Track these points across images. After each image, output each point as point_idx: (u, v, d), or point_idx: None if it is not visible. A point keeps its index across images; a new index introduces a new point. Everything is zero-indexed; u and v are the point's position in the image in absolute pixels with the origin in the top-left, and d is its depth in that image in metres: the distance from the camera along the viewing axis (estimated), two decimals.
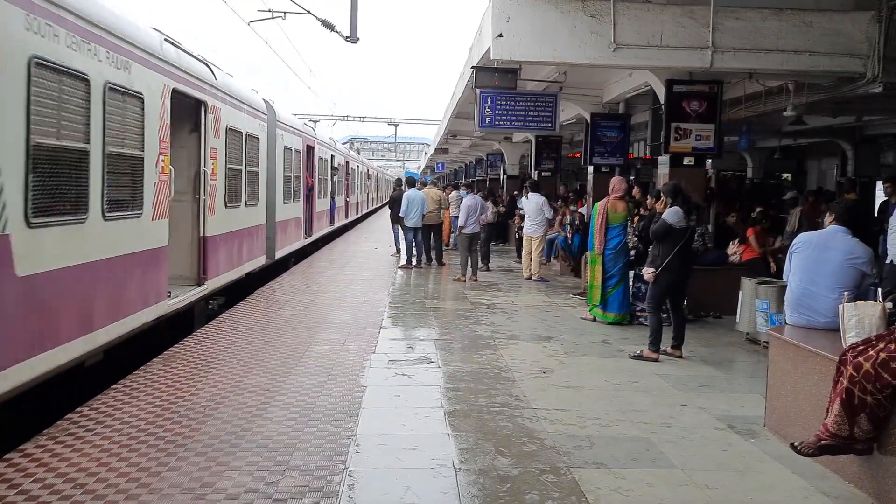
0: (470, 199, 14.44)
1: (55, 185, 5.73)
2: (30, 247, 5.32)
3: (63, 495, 4.11)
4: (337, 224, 23.88)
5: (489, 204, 16.13)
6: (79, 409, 5.62)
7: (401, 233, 17.26)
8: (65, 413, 5.56)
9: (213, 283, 9.88)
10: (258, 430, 5.24)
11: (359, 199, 34.18)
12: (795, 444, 4.64)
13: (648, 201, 9.74)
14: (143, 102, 7.37)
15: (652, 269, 7.83)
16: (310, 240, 18.29)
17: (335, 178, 22.86)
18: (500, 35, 9.35)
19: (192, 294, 9.18)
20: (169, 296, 8.32)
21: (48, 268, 5.60)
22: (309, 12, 15.02)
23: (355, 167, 31.22)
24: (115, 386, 6.27)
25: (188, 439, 5.03)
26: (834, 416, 4.39)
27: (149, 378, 6.52)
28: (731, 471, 4.82)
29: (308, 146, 17.77)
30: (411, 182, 16.71)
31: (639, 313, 9.80)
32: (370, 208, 43.10)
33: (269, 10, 15.38)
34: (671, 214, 7.77)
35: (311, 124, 22.80)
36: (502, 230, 21.99)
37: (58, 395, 6.20)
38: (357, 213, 32.55)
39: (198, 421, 5.41)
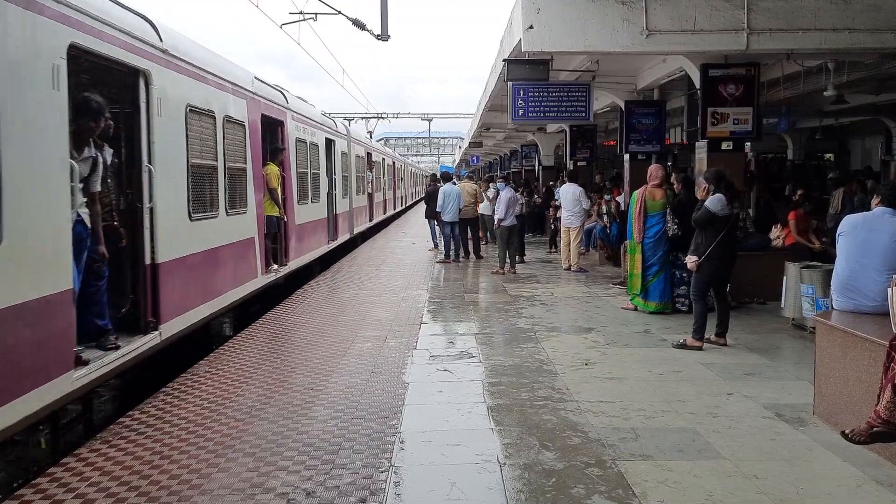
0: (508, 192, 14.45)
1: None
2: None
3: (118, 498, 4.21)
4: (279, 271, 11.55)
5: (520, 196, 16.14)
6: (130, 413, 5.75)
7: (437, 227, 17.33)
8: (117, 417, 5.70)
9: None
10: (304, 430, 5.31)
11: (357, 206, 20.29)
12: (846, 431, 4.55)
13: (675, 186, 9.60)
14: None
15: (695, 258, 7.73)
16: None
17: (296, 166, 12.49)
18: (531, 27, 9.31)
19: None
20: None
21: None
22: (340, 12, 15.10)
23: (324, 144, 15.63)
24: (164, 389, 6.40)
25: (236, 440, 5.12)
26: (886, 403, 4.30)
27: (196, 380, 6.64)
28: (780, 460, 4.75)
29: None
30: (447, 177, 16.77)
31: (676, 298, 9.70)
32: (374, 220, 24.85)
33: (301, 13, 15.49)
34: (714, 202, 7.65)
35: (346, 122, 21.72)
36: (540, 221, 21.91)
37: (109, 400, 6.36)
38: (349, 232, 18.99)
39: (245, 422, 5.50)
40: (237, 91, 9.56)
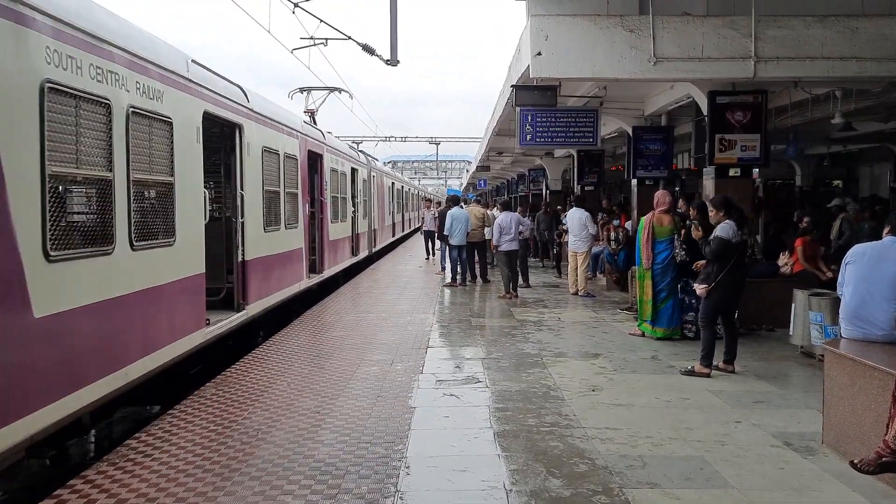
0: (500, 217, 14.49)
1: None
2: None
3: None
4: None
5: (527, 220, 16.15)
6: (137, 435, 5.76)
7: (446, 251, 17.36)
8: (123, 439, 5.70)
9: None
10: (310, 454, 5.31)
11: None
12: (855, 461, 4.53)
13: (691, 213, 9.55)
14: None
15: (705, 285, 7.71)
16: None
17: None
18: (540, 53, 9.40)
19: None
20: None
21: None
22: (350, 38, 15.24)
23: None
24: (171, 411, 6.41)
25: (242, 463, 5.12)
26: (894, 432, 4.28)
27: (203, 403, 6.65)
28: (788, 490, 4.71)
29: None
30: (455, 200, 16.81)
31: (684, 325, 9.65)
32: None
33: (312, 38, 15.65)
34: (725, 229, 7.63)
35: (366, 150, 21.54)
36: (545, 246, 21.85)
37: (117, 421, 6.37)
38: None
39: (251, 445, 5.50)
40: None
